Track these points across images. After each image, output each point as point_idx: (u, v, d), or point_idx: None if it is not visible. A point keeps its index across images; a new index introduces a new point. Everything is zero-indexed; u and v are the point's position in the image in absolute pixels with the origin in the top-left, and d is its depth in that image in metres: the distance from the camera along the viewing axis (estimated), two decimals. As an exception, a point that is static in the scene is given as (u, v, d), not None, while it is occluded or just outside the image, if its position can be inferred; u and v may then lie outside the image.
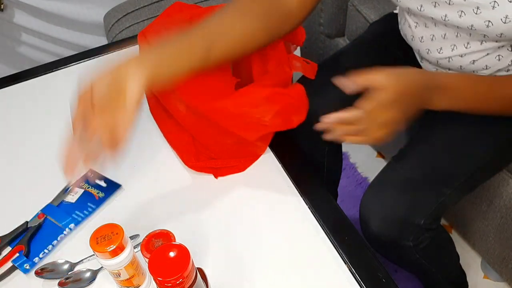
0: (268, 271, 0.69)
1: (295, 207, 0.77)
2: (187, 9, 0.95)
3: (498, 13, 0.71)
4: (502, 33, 0.73)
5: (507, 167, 1.05)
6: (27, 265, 0.72)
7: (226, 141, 0.80)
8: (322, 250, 0.71)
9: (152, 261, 0.55)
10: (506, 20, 0.71)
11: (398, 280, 1.23)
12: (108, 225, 0.62)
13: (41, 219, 0.78)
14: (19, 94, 1.06)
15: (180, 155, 0.85)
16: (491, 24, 0.73)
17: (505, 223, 1.11)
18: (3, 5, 1.46)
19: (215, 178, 0.82)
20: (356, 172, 1.58)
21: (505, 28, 0.73)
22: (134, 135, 0.92)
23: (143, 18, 1.47)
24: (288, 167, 0.83)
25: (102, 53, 1.14)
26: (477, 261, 1.32)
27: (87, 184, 0.83)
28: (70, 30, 1.63)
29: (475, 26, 0.76)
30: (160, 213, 0.78)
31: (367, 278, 0.67)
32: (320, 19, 1.52)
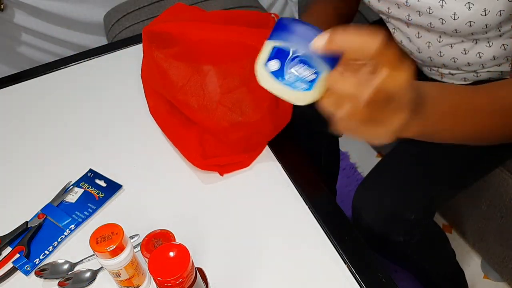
0: (268, 270, 0.69)
1: (295, 207, 0.77)
2: (188, 10, 0.95)
3: (447, 11, 0.75)
4: (456, 29, 0.77)
5: (506, 167, 1.05)
6: (27, 266, 0.72)
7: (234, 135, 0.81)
8: (322, 250, 0.71)
9: (152, 261, 0.55)
10: (455, 17, 0.75)
11: (398, 280, 1.23)
12: (108, 225, 0.62)
13: (41, 219, 0.78)
14: (19, 94, 1.06)
15: (186, 155, 0.85)
16: (444, 21, 0.78)
17: (505, 223, 1.11)
18: (3, 5, 1.46)
19: (221, 176, 0.82)
20: (356, 172, 1.58)
21: (457, 24, 0.77)
22: (134, 135, 0.93)
23: (143, 18, 1.47)
24: (288, 167, 0.83)
25: (102, 53, 1.14)
26: (477, 261, 1.32)
27: (87, 184, 0.83)
28: (70, 30, 1.63)
29: (433, 24, 0.80)
30: (160, 213, 0.78)
31: (367, 278, 0.67)
32: (320, 19, 1.52)
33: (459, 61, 0.88)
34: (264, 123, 0.82)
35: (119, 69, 1.09)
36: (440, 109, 0.54)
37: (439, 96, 0.54)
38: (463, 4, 0.75)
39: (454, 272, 1.14)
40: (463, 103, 0.57)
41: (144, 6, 1.49)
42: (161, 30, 0.85)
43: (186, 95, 0.85)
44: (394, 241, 0.85)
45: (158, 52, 0.87)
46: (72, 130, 0.95)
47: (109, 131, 0.94)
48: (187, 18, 0.91)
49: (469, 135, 0.60)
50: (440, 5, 0.77)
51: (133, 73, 1.02)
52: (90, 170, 0.86)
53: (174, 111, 0.89)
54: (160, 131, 0.91)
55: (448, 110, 0.55)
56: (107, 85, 1.05)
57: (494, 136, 0.64)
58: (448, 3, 0.76)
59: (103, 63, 1.12)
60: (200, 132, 0.85)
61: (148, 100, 0.94)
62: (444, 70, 0.93)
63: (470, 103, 0.58)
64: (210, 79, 0.84)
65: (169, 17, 0.93)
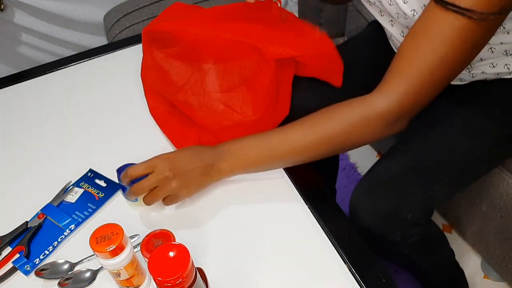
0: (268, 270, 0.69)
1: (295, 207, 0.77)
2: (187, 9, 0.95)
3: (408, 6, 0.77)
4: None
5: (506, 167, 1.05)
6: (27, 266, 0.72)
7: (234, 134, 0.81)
8: (322, 250, 0.71)
9: (152, 261, 0.55)
10: (414, 14, 0.76)
11: (398, 280, 1.23)
12: (108, 225, 0.62)
13: (41, 219, 0.78)
14: (19, 94, 1.06)
15: None
16: (406, 16, 0.79)
17: (505, 223, 1.11)
18: (3, 5, 1.46)
19: None
20: (356, 172, 1.58)
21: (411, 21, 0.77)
22: (134, 135, 0.93)
23: (143, 18, 1.47)
24: (288, 168, 0.83)
25: (102, 53, 1.14)
26: (477, 261, 1.32)
27: (87, 184, 0.83)
28: (70, 30, 1.63)
29: (399, 15, 0.82)
30: (160, 213, 0.78)
31: (367, 278, 0.67)
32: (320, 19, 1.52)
33: None
34: (264, 122, 0.82)
35: (119, 69, 1.09)
36: (240, 162, 0.76)
37: (237, 155, 0.75)
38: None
39: (454, 272, 1.14)
40: (257, 156, 0.76)
41: (144, 6, 1.49)
42: (160, 30, 0.85)
43: (186, 94, 0.85)
44: (392, 241, 0.85)
45: (158, 52, 0.87)
46: (72, 130, 0.95)
47: (109, 131, 0.94)
48: (186, 17, 0.91)
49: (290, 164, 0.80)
50: (412, 14, 0.77)
51: (133, 73, 1.02)
52: (90, 170, 0.86)
53: (174, 111, 0.89)
54: (160, 131, 0.91)
55: (249, 162, 0.76)
56: (107, 85, 1.05)
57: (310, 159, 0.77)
58: (419, 13, 0.75)
59: (103, 63, 1.12)
60: (199, 132, 0.85)
61: (148, 100, 0.94)
62: None
63: (264, 155, 0.76)
64: (210, 78, 0.84)
65: (168, 17, 0.92)
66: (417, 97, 0.70)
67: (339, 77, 0.88)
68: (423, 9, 0.68)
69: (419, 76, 0.68)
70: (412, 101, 0.70)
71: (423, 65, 0.67)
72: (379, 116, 0.71)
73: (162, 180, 0.71)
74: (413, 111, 0.72)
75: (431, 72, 0.67)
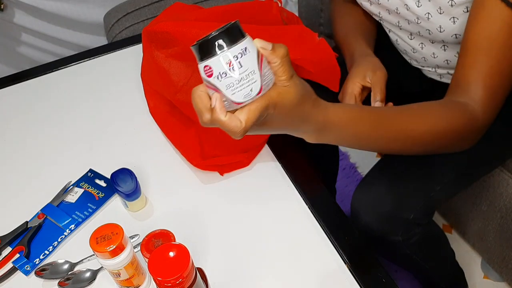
0: (267, 270, 0.69)
1: (295, 207, 0.77)
2: (187, 9, 0.95)
3: (433, 24, 0.79)
4: (444, 40, 0.82)
5: (506, 167, 1.05)
6: (27, 266, 0.72)
7: None
8: (322, 250, 0.71)
9: (152, 261, 0.55)
10: (441, 30, 0.79)
11: (398, 280, 1.23)
12: (108, 225, 0.62)
13: (41, 219, 0.78)
14: (19, 94, 1.06)
15: (185, 155, 0.85)
16: (431, 32, 0.82)
17: (505, 223, 1.11)
18: (3, 5, 1.46)
19: (221, 176, 0.82)
20: (356, 172, 1.58)
21: (443, 36, 0.81)
22: (134, 135, 0.93)
23: (143, 18, 1.46)
24: (288, 167, 0.83)
25: (102, 53, 1.14)
26: (477, 261, 1.32)
27: (87, 184, 0.83)
28: (70, 30, 1.63)
29: (421, 33, 0.84)
30: (160, 213, 0.78)
31: (367, 278, 0.67)
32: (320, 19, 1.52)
33: (452, 63, 0.88)
34: None
35: (119, 69, 1.09)
36: (343, 135, 0.63)
37: (345, 126, 0.62)
38: (448, 18, 0.77)
39: (454, 272, 1.14)
40: (366, 132, 0.65)
41: (144, 6, 1.49)
42: (160, 30, 0.85)
43: (186, 94, 0.85)
44: (393, 241, 0.85)
45: (158, 52, 0.87)
46: (72, 130, 0.95)
47: (109, 131, 0.94)
48: (186, 16, 0.91)
49: (377, 150, 0.70)
50: (426, 17, 0.80)
51: (133, 73, 1.02)
52: (90, 170, 0.86)
53: (174, 111, 0.89)
54: (160, 131, 0.91)
55: (351, 138, 0.65)
56: (107, 85, 1.05)
57: (400, 151, 0.72)
58: (433, 16, 0.78)
59: (103, 63, 1.12)
60: (199, 132, 0.85)
61: (148, 100, 0.94)
62: (441, 70, 0.93)
63: (372, 133, 0.66)
64: None
65: (168, 17, 0.92)
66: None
67: (336, 83, 0.89)
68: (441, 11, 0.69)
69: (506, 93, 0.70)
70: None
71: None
72: (479, 130, 0.71)
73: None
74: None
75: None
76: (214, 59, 0.50)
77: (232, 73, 0.50)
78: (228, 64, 0.49)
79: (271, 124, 0.56)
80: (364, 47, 0.92)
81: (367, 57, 0.89)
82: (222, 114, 0.52)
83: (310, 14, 1.54)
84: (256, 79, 0.51)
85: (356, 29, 0.97)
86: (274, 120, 0.56)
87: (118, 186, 0.76)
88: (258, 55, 0.51)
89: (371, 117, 0.65)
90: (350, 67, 0.91)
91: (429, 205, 0.86)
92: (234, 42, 0.50)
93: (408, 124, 0.67)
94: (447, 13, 0.77)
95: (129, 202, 0.77)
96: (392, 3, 0.85)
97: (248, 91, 0.51)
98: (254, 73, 0.51)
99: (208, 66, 0.50)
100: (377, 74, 0.85)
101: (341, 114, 0.61)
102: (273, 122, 0.56)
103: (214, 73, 0.50)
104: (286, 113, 0.55)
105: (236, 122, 0.52)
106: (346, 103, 0.85)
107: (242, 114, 0.52)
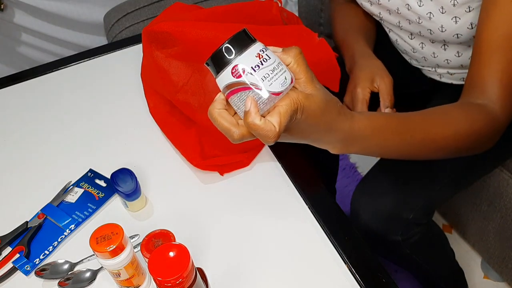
0: (268, 270, 0.69)
1: (295, 206, 0.77)
2: (187, 9, 0.95)
3: (434, 23, 0.80)
4: (445, 40, 0.80)
5: (506, 167, 1.05)
6: (27, 266, 0.72)
7: None
8: (322, 250, 0.71)
9: (152, 261, 0.55)
10: (443, 29, 0.80)
11: (398, 280, 1.23)
12: (108, 225, 0.62)
13: (41, 219, 0.78)
14: (19, 94, 1.06)
15: (185, 155, 0.85)
16: (432, 32, 0.82)
17: (505, 223, 1.11)
18: (3, 5, 1.46)
19: (221, 176, 0.82)
20: (356, 172, 1.58)
21: (444, 36, 0.81)
22: (134, 135, 0.93)
23: (143, 18, 1.46)
24: (288, 167, 0.83)
25: (102, 53, 1.14)
26: (477, 261, 1.32)
27: (87, 184, 0.83)
28: (70, 30, 1.63)
29: (422, 33, 0.84)
30: (160, 213, 0.78)
31: (367, 278, 0.67)
32: (320, 19, 1.52)
33: (452, 63, 0.88)
34: None
35: (119, 69, 1.09)
36: (368, 145, 0.61)
37: (370, 135, 0.59)
38: (450, 18, 0.77)
39: (454, 272, 1.14)
40: (391, 140, 0.63)
41: (144, 6, 1.49)
42: (160, 30, 0.85)
43: (186, 94, 0.85)
44: (393, 241, 0.85)
45: (158, 52, 0.87)
46: (72, 130, 0.95)
47: (109, 131, 0.94)
48: (186, 16, 0.91)
49: (400, 158, 0.69)
50: (428, 17, 0.80)
51: (133, 73, 1.02)
52: (90, 170, 0.86)
53: (174, 111, 0.89)
54: (160, 131, 0.91)
55: (376, 148, 0.62)
56: (107, 85, 1.05)
57: (424, 157, 0.71)
58: (435, 15, 0.78)
59: (103, 63, 1.12)
60: (199, 133, 0.85)
61: (148, 100, 0.94)
62: (441, 70, 0.93)
63: (398, 141, 0.64)
64: (210, 78, 0.84)
65: (168, 17, 0.92)
66: None
67: (336, 83, 0.89)
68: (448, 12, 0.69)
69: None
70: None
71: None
72: (500, 129, 0.71)
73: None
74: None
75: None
76: (244, 55, 0.49)
77: (265, 63, 0.49)
78: (258, 57, 0.49)
79: (296, 132, 0.54)
80: (364, 47, 0.92)
81: (370, 60, 0.89)
82: (257, 118, 0.49)
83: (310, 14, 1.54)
84: (285, 68, 0.50)
85: (356, 29, 0.97)
86: (300, 127, 0.53)
87: (118, 186, 0.76)
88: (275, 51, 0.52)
89: (396, 125, 0.63)
90: (350, 68, 0.91)
91: (429, 205, 0.86)
92: (253, 41, 0.50)
93: (432, 130, 0.66)
94: (449, 12, 0.77)
95: (129, 202, 0.77)
96: (393, 3, 0.85)
97: (283, 79, 0.49)
98: (281, 64, 0.50)
99: (236, 66, 0.49)
100: (385, 80, 0.85)
101: (367, 123, 0.59)
102: (299, 129, 0.53)
103: (246, 70, 0.49)
104: (312, 119, 0.52)
105: (271, 126, 0.49)
106: (360, 110, 0.84)
107: (274, 118, 0.49)
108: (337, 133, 0.56)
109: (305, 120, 0.52)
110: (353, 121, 0.57)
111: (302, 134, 0.54)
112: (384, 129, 0.61)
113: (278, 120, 0.49)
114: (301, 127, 0.53)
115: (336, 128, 0.55)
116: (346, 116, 0.56)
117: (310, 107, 0.51)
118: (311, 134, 0.55)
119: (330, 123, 0.54)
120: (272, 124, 0.49)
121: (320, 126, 0.54)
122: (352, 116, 0.57)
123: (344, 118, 0.56)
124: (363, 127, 0.58)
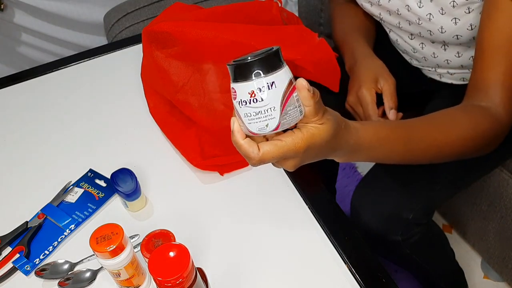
0: (268, 270, 0.69)
1: (295, 206, 0.77)
2: (187, 9, 0.95)
3: (434, 24, 0.80)
4: (445, 41, 0.80)
5: (506, 167, 1.05)
6: (27, 266, 0.72)
7: None
8: (322, 250, 0.71)
9: (152, 261, 0.55)
10: (442, 31, 0.80)
11: (398, 280, 1.23)
12: (108, 225, 0.62)
13: (41, 219, 0.78)
14: (19, 94, 1.06)
15: (185, 155, 0.85)
16: (432, 33, 0.82)
17: (505, 223, 1.11)
18: (3, 5, 1.46)
19: (221, 176, 0.82)
20: (356, 172, 1.58)
21: (444, 37, 0.81)
22: (134, 135, 0.93)
23: (143, 18, 1.46)
24: (288, 167, 0.83)
25: (102, 53, 1.14)
26: (477, 261, 1.32)
27: (87, 184, 0.83)
28: (70, 30, 1.63)
29: (422, 34, 0.85)
30: (160, 213, 0.78)
31: (367, 278, 0.67)
32: (320, 19, 1.52)
33: (452, 63, 0.88)
34: None
35: (119, 69, 1.09)
36: (374, 154, 0.62)
37: (376, 146, 0.61)
38: (450, 19, 0.77)
39: (454, 272, 1.14)
40: (396, 149, 0.64)
41: (144, 6, 1.49)
42: (160, 30, 0.85)
43: (186, 94, 0.85)
44: (393, 241, 0.85)
45: (158, 52, 0.87)
46: (72, 130, 0.95)
47: (109, 131, 0.94)
48: (186, 16, 0.91)
49: (406, 163, 0.69)
50: (428, 18, 0.80)
51: (133, 73, 1.02)
52: (90, 170, 0.86)
53: (174, 111, 0.89)
54: (160, 131, 0.91)
55: (382, 156, 0.64)
56: (107, 85, 1.05)
57: (429, 162, 0.71)
58: (435, 16, 0.78)
59: (103, 63, 1.12)
60: (199, 133, 0.85)
61: (148, 100, 0.94)
62: (441, 70, 0.93)
63: (403, 149, 0.65)
64: (210, 78, 0.84)
65: (168, 17, 0.93)
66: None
67: (336, 83, 0.89)
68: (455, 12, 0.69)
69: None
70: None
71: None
72: (504, 131, 0.70)
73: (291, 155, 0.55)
74: None
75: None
76: (239, 85, 0.49)
77: (252, 104, 0.49)
78: (250, 95, 0.48)
79: (300, 161, 0.55)
80: (365, 47, 0.92)
81: (372, 60, 0.89)
82: (238, 135, 0.52)
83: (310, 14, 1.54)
84: (274, 116, 0.49)
85: (356, 29, 0.97)
86: (304, 158, 0.55)
87: (118, 186, 0.76)
88: (285, 92, 0.49)
89: (401, 134, 0.64)
90: (351, 67, 0.91)
91: (429, 205, 0.86)
92: (266, 72, 0.48)
93: (437, 137, 0.67)
94: (449, 13, 0.77)
95: (129, 202, 0.77)
96: (393, 4, 0.85)
97: (264, 125, 0.50)
98: (274, 110, 0.49)
99: (234, 89, 0.50)
100: (388, 81, 0.85)
101: (372, 135, 0.60)
102: (303, 159, 0.55)
103: (237, 98, 0.50)
104: (317, 150, 0.54)
105: (253, 148, 0.51)
106: (372, 113, 0.84)
107: (265, 145, 0.51)
108: (343, 149, 0.58)
109: (309, 154, 0.54)
110: (359, 135, 0.58)
111: (307, 160, 0.56)
112: (389, 139, 0.62)
113: (267, 148, 0.51)
114: (306, 157, 0.55)
115: (342, 146, 0.57)
116: (351, 132, 0.57)
117: (315, 143, 0.53)
118: (315, 157, 0.57)
119: (336, 144, 0.56)
120: (257, 147, 0.51)
121: (327, 150, 0.56)
122: (357, 130, 0.58)
123: (350, 135, 0.57)
124: (368, 139, 0.60)
